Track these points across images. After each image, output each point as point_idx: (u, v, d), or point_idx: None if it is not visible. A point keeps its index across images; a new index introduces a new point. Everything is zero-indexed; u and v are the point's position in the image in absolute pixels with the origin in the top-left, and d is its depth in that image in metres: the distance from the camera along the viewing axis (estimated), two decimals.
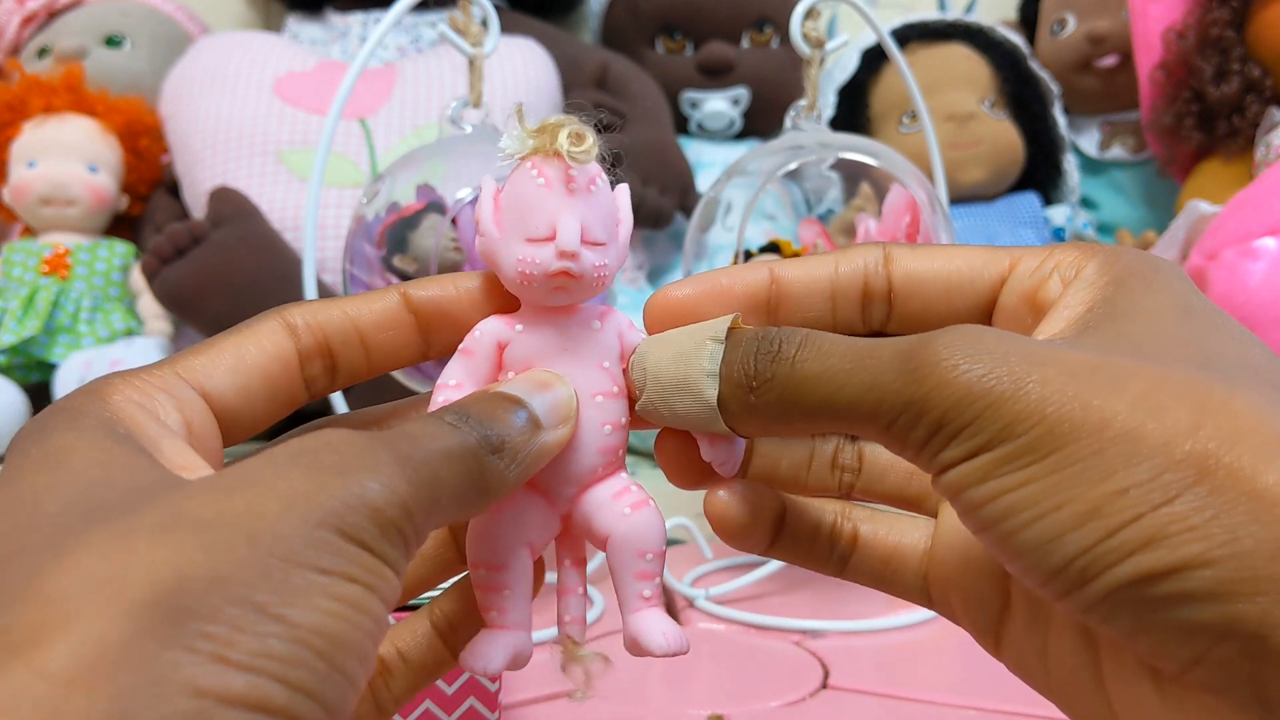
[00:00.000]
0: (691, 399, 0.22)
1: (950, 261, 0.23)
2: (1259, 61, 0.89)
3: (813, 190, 0.88)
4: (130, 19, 1.00)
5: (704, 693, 0.48)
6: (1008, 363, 0.18)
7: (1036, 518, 0.18)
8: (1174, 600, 0.17)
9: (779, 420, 0.21)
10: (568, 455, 0.23)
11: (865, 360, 0.20)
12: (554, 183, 0.22)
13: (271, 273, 0.75)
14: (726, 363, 0.21)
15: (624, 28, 1.05)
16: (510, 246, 0.23)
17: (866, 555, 0.25)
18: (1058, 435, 0.18)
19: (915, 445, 0.19)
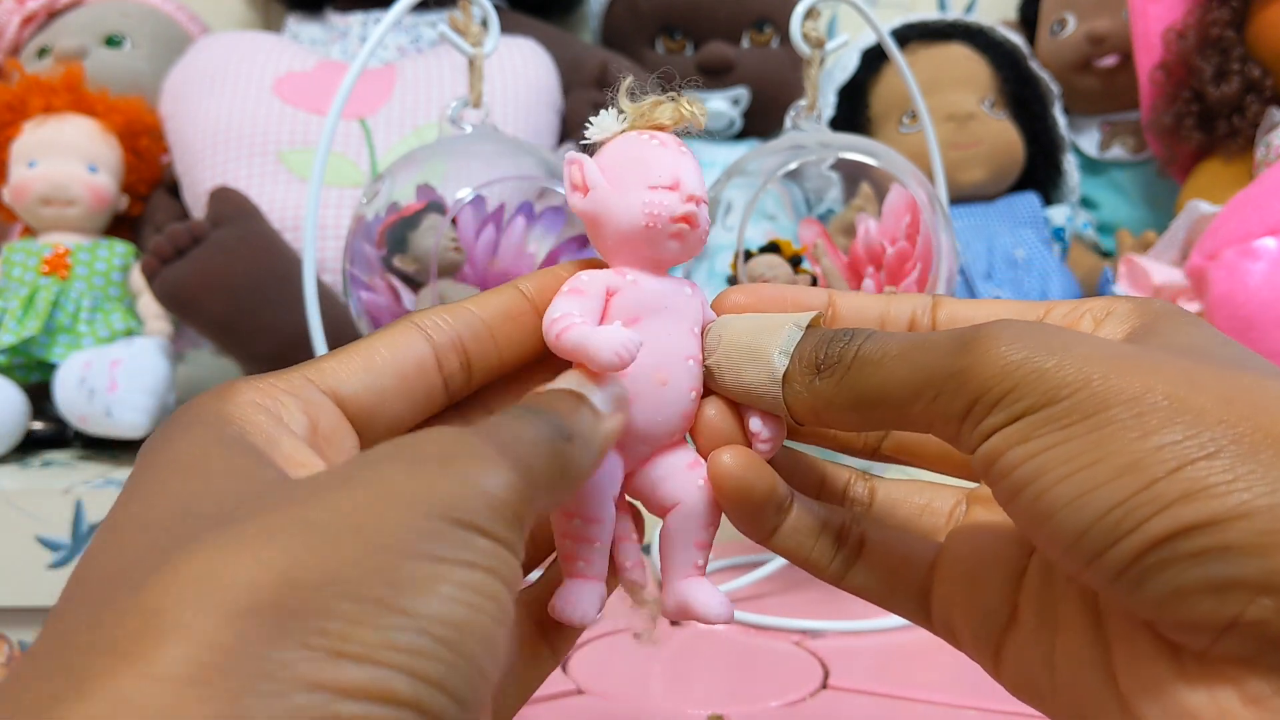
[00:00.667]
0: (760, 367, 0.23)
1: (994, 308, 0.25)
2: (1259, 61, 0.89)
3: (813, 190, 0.88)
4: (130, 19, 1.00)
5: (704, 693, 0.48)
6: (1053, 342, 0.19)
7: (1071, 473, 0.18)
8: (1212, 554, 0.17)
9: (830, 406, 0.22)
10: (654, 414, 0.24)
11: (920, 345, 0.21)
12: (669, 143, 0.24)
13: (271, 273, 0.75)
14: (801, 345, 0.23)
15: (624, 28, 1.05)
16: (632, 194, 0.23)
17: (871, 563, 0.26)
18: (1098, 399, 0.18)
19: (958, 415, 0.20)
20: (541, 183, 0.60)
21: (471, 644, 0.16)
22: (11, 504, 0.68)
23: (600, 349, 0.22)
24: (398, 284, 0.60)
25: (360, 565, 0.15)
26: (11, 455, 0.80)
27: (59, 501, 0.68)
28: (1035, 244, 0.94)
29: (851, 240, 0.63)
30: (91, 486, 0.69)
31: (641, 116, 0.24)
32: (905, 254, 0.58)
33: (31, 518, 0.68)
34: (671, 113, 0.24)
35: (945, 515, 0.27)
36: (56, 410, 0.78)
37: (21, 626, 0.70)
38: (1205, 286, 0.73)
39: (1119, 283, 0.85)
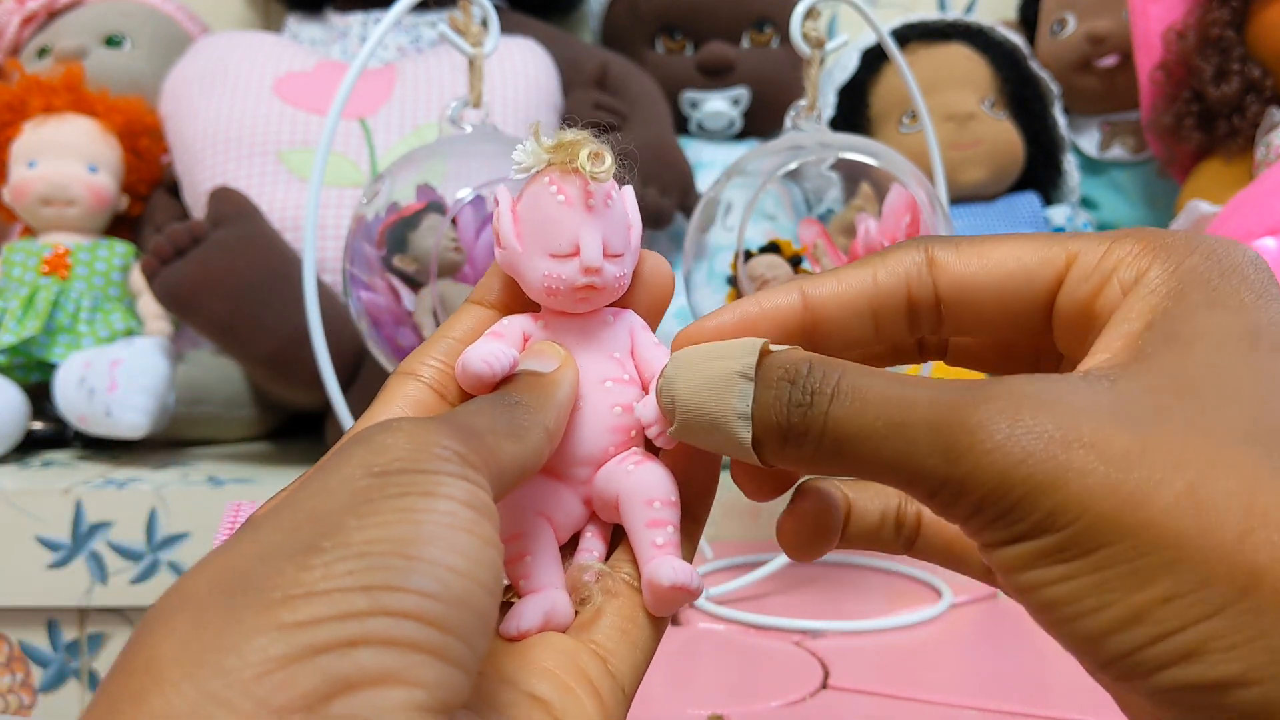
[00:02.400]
0: (725, 438, 0.21)
1: (1002, 262, 0.22)
2: (1259, 61, 0.89)
3: (813, 190, 0.88)
4: (130, 19, 1.00)
5: (704, 693, 0.48)
6: (1048, 446, 0.18)
7: (1080, 614, 0.18)
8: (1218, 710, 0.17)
9: (814, 467, 0.21)
10: (577, 435, 0.24)
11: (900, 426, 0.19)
12: (574, 200, 0.24)
13: (271, 273, 0.75)
14: (759, 404, 0.21)
15: (624, 28, 1.05)
16: (534, 261, 0.24)
17: (931, 538, 0.26)
18: (1099, 532, 0.17)
19: (959, 518, 0.19)
20: None
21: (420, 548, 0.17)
22: (11, 504, 0.68)
23: (469, 360, 0.23)
24: (398, 284, 0.60)
25: (292, 530, 0.17)
26: (11, 455, 0.80)
27: (59, 501, 0.68)
28: None
29: (851, 240, 0.63)
30: (91, 486, 0.69)
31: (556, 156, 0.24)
32: None
33: (31, 518, 0.68)
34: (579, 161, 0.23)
35: None
36: (56, 410, 0.78)
37: (21, 626, 0.70)
38: None
39: None
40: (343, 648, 0.15)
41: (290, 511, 0.17)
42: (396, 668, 0.16)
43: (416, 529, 0.17)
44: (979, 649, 0.55)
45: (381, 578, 0.16)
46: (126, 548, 0.68)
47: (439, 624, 0.16)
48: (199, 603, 0.16)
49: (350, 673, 0.15)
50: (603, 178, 0.24)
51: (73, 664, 0.71)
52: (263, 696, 0.15)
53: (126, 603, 0.69)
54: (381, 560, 0.16)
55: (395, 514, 0.17)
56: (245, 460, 0.80)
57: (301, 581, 0.16)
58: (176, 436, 0.83)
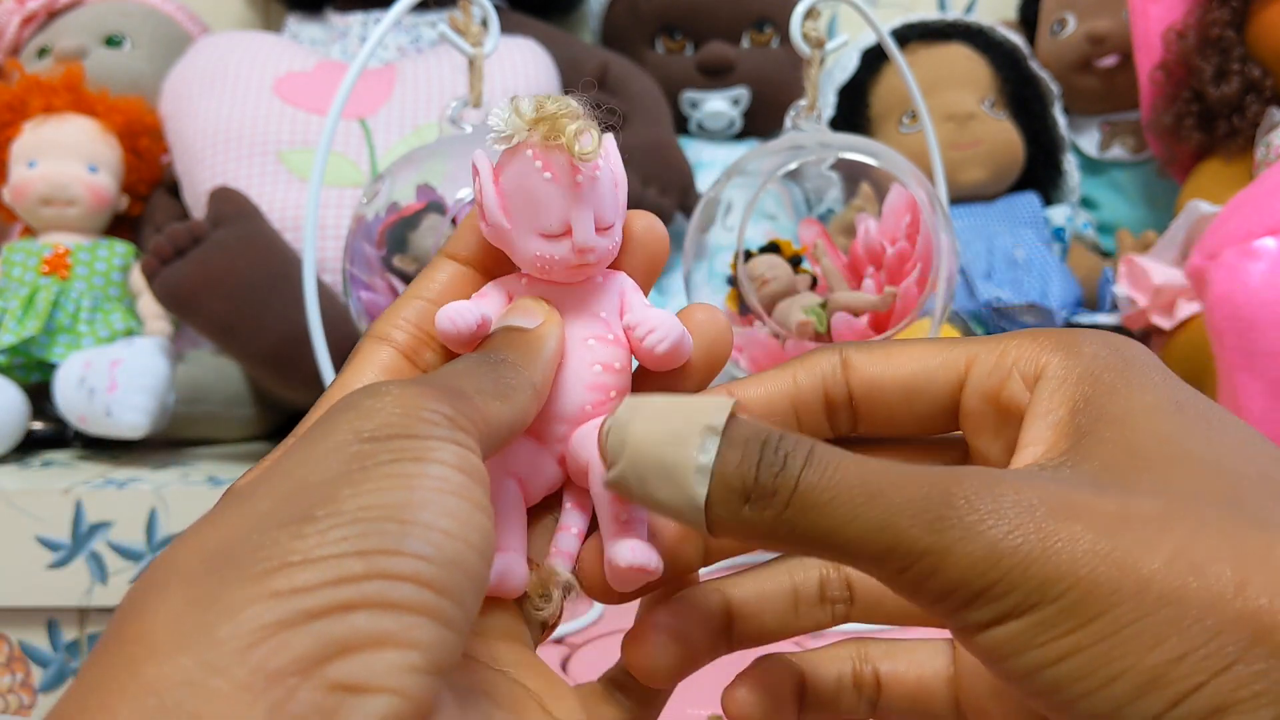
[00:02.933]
0: (675, 490, 0.19)
1: (907, 364, 0.23)
2: (1259, 61, 0.89)
3: (813, 190, 0.88)
4: (130, 19, 1.00)
5: (704, 693, 0.48)
6: (1033, 517, 0.17)
7: (1092, 690, 0.17)
8: None
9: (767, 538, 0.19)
10: (556, 391, 0.23)
11: (878, 498, 0.18)
12: (561, 177, 0.22)
13: (271, 273, 0.75)
14: (723, 461, 0.19)
15: (624, 28, 1.05)
16: (524, 240, 0.23)
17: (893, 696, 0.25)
18: (1096, 599, 0.17)
19: (931, 596, 0.18)
20: None
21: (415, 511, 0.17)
22: (11, 504, 0.68)
23: (437, 318, 0.23)
24: (398, 284, 0.60)
25: (284, 500, 0.17)
26: (11, 455, 0.80)
27: (59, 501, 0.68)
28: (1035, 244, 0.94)
29: (851, 240, 0.63)
30: (91, 486, 0.69)
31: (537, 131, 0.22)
32: (905, 254, 0.58)
33: (31, 518, 0.68)
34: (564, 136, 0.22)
35: None
36: (56, 410, 0.78)
37: (21, 626, 0.70)
38: (1205, 286, 0.72)
39: (1119, 283, 0.85)
40: (338, 612, 0.16)
41: (280, 480, 0.17)
42: (392, 630, 0.16)
43: (410, 494, 0.17)
44: None
45: (376, 542, 0.16)
46: (126, 548, 0.68)
47: (433, 586, 0.17)
48: (189, 574, 0.16)
49: (346, 636, 0.15)
50: (590, 157, 0.23)
51: (73, 664, 0.71)
52: (257, 662, 0.15)
53: None
54: (376, 525, 0.16)
55: (388, 480, 0.17)
56: (245, 460, 0.80)
57: (296, 550, 0.16)
58: (176, 436, 0.83)
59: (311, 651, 0.15)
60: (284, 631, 0.15)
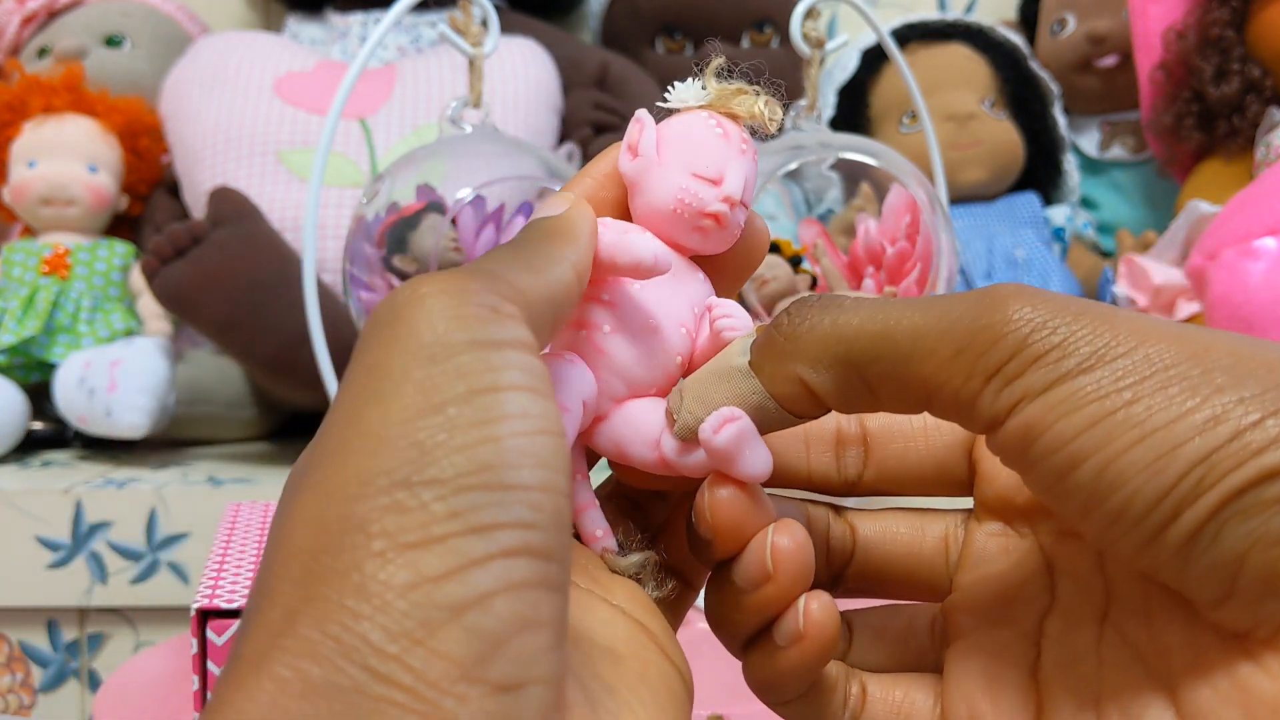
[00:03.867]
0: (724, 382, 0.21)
1: None
2: (1259, 61, 0.89)
3: (813, 190, 0.88)
4: (130, 19, 1.00)
5: (704, 693, 0.48)
6: (1090, 305, 0.18)
7: (1145, 435, 0.17)
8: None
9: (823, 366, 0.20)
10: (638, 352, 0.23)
11: (923, 300, 0.19)
12: (732, 136, 0.23)
13: (271, 273, 0.75)
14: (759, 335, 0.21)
15: (624, 28, 1.05)
16: (671, 174, 0.23)
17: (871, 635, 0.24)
18: (1161, 358, 0.17)
19: (986, 372, 0.18)
20: (541, 183, 0.60)
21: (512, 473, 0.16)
22: (11, 504, 0.68)
23: (638, 247, 0.22)
24: (398, 284, 0.60)
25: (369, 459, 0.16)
26: (11, 455, 0.80)
27: (59, 501, 0.68)
28: (1035, 244, 0.94)
29: (851, 240, 0.63)
30: (91, 486, 0.69)
31: (721, 99, 0.24)
32: (905, 254, 0.58)
33: (31, 518, 0.68)
34: (749, 106, 0.23)
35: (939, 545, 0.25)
36: (56, 410, 0.78)
37: (21, 626, 0.70)
38: (1205, 286, 0.73)
39: (1119, 283, 0.85)
40: (479, 603, 0.15)
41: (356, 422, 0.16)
42: (525, 614, 0.15)
43: (500, 451, 0.16)
44: None
45: (488, 515, 0.15)
46: (126, 548, 0.68)
47: (543, 554, 0.16)
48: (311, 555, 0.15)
49: (495, 629, 0.15)
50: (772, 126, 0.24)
51: (73, 664, 0.71)
52: (419, 668, 0.14)
53: (126, 603, 0.69)
54: (478, 496, 0.15)
55: (471, 431, 0.16)
56: (245, 460, 0.80)
57: (406, 526, 0.15)
58: (176, 436, 0.83)
59: (467, 653, 0.14)
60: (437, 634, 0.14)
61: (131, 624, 0.71)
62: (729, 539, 0.21)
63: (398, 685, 0.14)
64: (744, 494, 0.21)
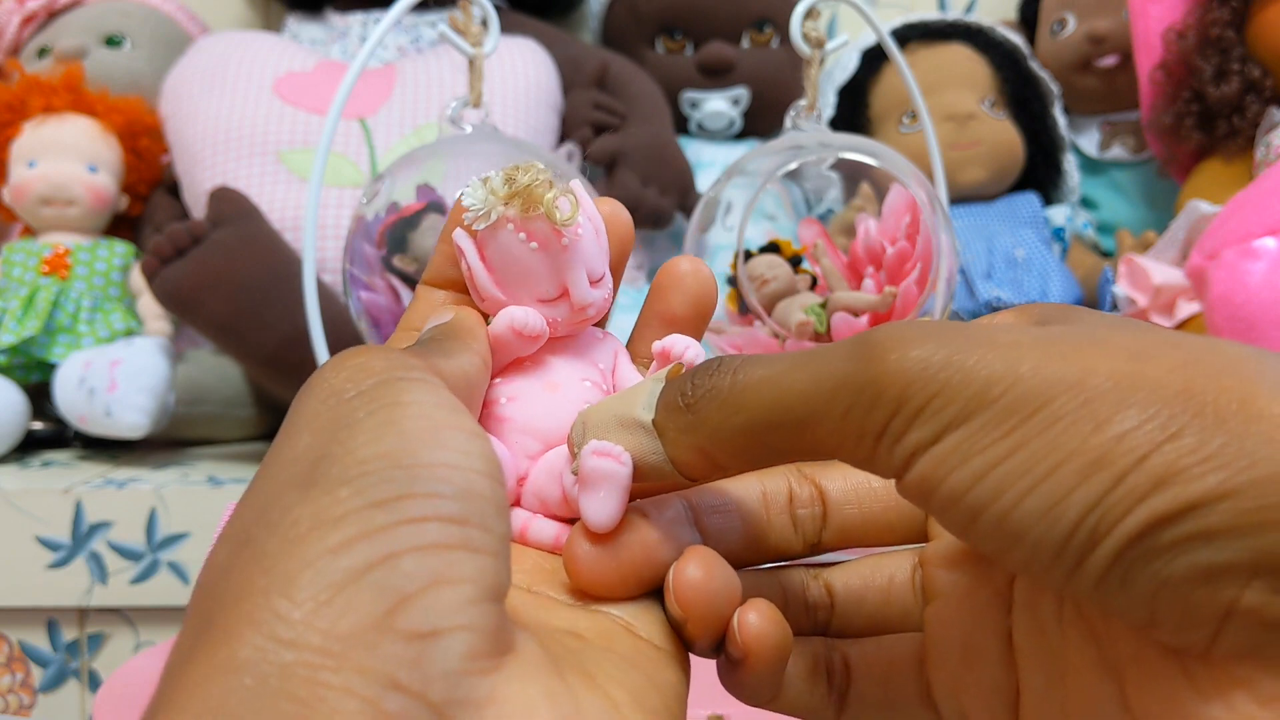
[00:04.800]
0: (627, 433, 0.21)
1: None
2: (1259, 61, 0.89)
3: (813, 190, 0.88)
4: (130, 19, 1.00)
5: (704, 693, 0.48)
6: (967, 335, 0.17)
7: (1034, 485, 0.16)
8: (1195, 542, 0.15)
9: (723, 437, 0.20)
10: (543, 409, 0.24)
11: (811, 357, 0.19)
12: (547, 244, 0.23)
13: (271, 273, 0.75)
14: (664, 393, 0.21)
15: (624, 28, 1.05)
16: (523, 304, 0.24)
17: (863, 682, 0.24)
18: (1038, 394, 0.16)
19: (874, 432, 0.18)
20: None
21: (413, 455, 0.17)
22: (11, 504, 0.68)
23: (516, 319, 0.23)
24: (398, 284, 0.60)
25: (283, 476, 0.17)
26: (11, 455, 0.80)
27: (59, 501, 0.68)
28: (1035, 244, 0.94)
29: (851, 240, 0.63)
30: (91, 486, 0.69)
31: (517, 208, 0.23)
32: (905, 254, 0.58)
33: (31, 518, 0.68)
34: (540, 204, 0.22)
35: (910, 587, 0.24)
36: (56, 410, 0.78)
37: (21, 626, 0.70)
38: (1205, 286, 0.73)
39: (1119, 283, 0.85)
40: (383, 562, 0.16)
41: (274, 461, 0.18)
42: (438, 569, 0.16)
43: (401, 439, 0.17)
44: None
45: (389, 490, 0.16)
46: (126, 548, 0.68)
47: (456, 519, 0.17)
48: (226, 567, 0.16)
49: (400, 584, 0.15)
50: (571, 222, 0.23)
51: (73, 664, 0.71)
52: (325, 628, 0.15)
53: (126, 603, 0.69)
54: (381, 475, 0.16)
55: (374, 430, 0.17)
56: (245, 460, 0.80)
57: (312, 513, 0.16)
58: (176, 436, 0.83)
59: (375, 606, 0.15)
60: (341, 593, 0.15)
61: (131, 624, 0.71)
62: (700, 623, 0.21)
63: (307, 646, 0.15)
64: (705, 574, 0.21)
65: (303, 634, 0.15)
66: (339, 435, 0.17)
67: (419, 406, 0.18)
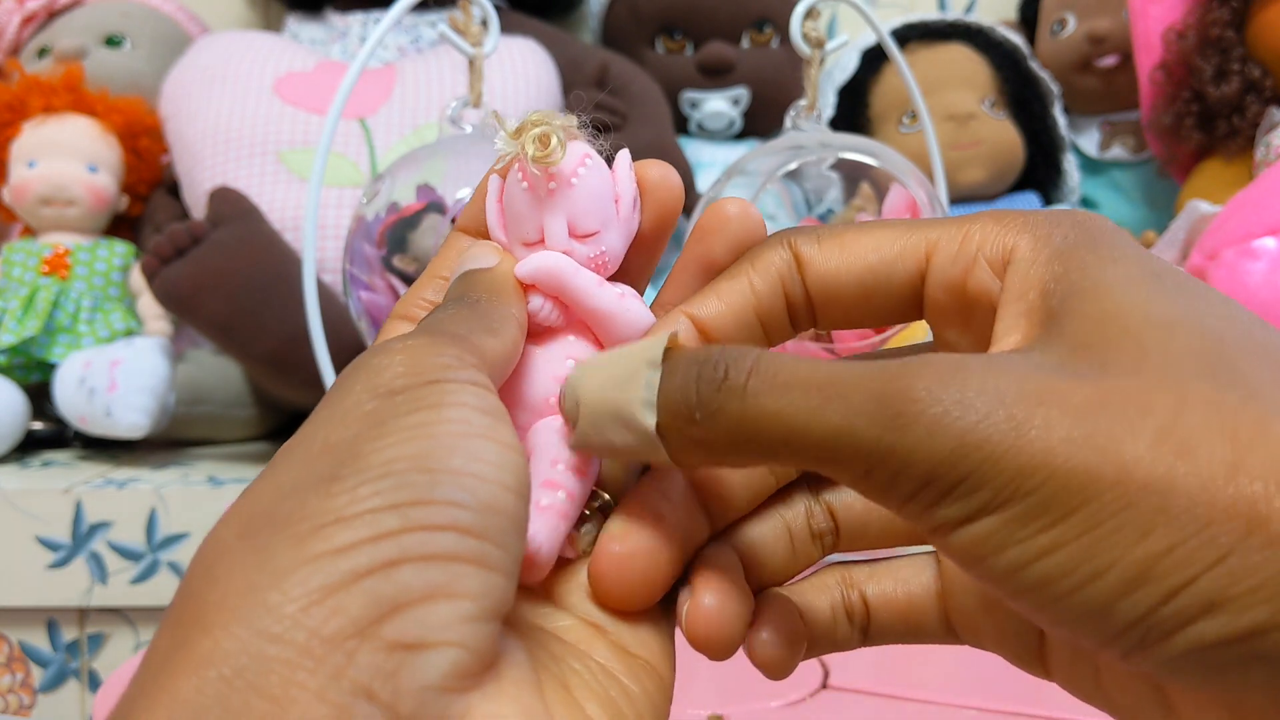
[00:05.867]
0: (627, 430, 0.20)
1: (865, 255, 0.21)
2: (1259, 61, 0.89)
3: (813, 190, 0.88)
4: (130, 19, 1.00)
5: (704, 693, 0.48)
6: (1003, 404, 0.16)
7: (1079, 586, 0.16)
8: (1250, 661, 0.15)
9: (730, 455, 0.19)
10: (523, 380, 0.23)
11: (832, 399, 0.17)
12: (535, 185, 0.23)
13: (271, 273, 0.75)
14: (664, 391, 0.19)
15: (624, 28, 1.05)
16: (515, 252, 0.24)
17: (883, 619, 0.24)
18: (1075, 490, 0.15)
19: (899, 499, 0.17)
20: None
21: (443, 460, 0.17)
22: (11, 504, 0.68)
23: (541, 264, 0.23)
24: (397, 284, 0.60)
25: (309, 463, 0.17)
26: (11, 455, 0.80)
27: (59, 501, 0.68)
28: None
29: None
30: (91, 486, 0.69)
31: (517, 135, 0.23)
32: None
33: (31, 518, 0.68)
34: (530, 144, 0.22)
35: None
36: (56, 410, 0.78)
37: (21, 626, 0.70)
38: None
39: None
40: (384, 569, 0.15)
41: (304, 446, 0.17)
42: (440, 581, 0.16)
43: (433, 442, 0.17)
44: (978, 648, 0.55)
45: (408, 494, 0.16)
46: (126, 548, 0.68)
47: (473, 532, 0.16)
48: (230, 549, 0.16)
49: (395, 593, 0.15)
50: (546, 162, 0.22)
51: (73, 664, 0.71)
52: (313, 627, 0.15)
53: (126, 603, 0.69)
54: (404, 478, 0.16)
55: (409, 431, 0.17)
56: (245, 460, 0.80)
57: (328, 509, 0.16)
58: (176, 436, 0.83)
59: (365, 612, 0.15)
60: (335, 595, 0.15)
61: (131, 624, 0.71)
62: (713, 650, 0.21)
63: (291, 643, 0.15)
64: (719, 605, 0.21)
65: (289, 630, 0.15)
66: (373, 432, 0.17)
67: (460, 410, 0.17)
